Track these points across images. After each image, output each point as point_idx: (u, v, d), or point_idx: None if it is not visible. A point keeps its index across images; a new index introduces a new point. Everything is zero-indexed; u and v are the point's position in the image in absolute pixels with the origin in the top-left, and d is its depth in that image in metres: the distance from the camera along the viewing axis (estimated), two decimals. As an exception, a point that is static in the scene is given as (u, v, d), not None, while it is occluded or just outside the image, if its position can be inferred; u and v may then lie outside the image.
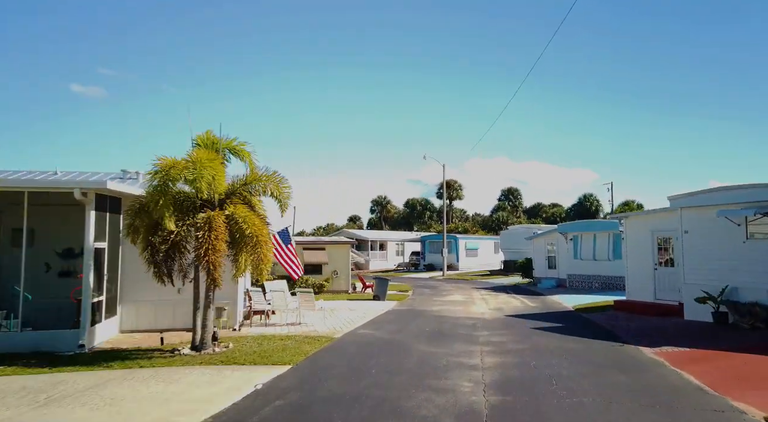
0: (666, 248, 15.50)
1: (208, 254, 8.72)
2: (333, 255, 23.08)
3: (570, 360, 9.19)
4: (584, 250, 25.14)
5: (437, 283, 31.76)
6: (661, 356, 9.40)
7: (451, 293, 24.10)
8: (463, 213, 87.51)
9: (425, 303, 19.65)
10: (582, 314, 16.18)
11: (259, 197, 10.52)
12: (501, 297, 22.17)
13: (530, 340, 11.37)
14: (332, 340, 11.13)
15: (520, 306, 18.71)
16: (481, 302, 20.01)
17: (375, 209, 79.54)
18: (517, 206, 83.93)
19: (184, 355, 9.27)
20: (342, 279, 23.20)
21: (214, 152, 9.66)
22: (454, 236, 47.35)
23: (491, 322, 14.53)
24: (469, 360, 9.28)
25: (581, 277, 25.40)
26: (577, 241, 25.62)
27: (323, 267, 22.96)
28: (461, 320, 14.96)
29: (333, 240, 23.23)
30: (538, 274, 28.67)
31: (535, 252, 29.16)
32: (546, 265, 28.24)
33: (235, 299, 12.82)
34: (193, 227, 9.00)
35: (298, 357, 9.07)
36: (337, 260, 23.14)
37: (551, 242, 27.98)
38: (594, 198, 74.56)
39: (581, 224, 25.78)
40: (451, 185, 74.58)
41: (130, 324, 12.26)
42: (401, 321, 14.61)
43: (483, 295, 23.30)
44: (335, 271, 23.03)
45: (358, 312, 16.48)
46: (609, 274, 24.08)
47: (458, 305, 18.89)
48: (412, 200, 77.90)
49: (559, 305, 19.00)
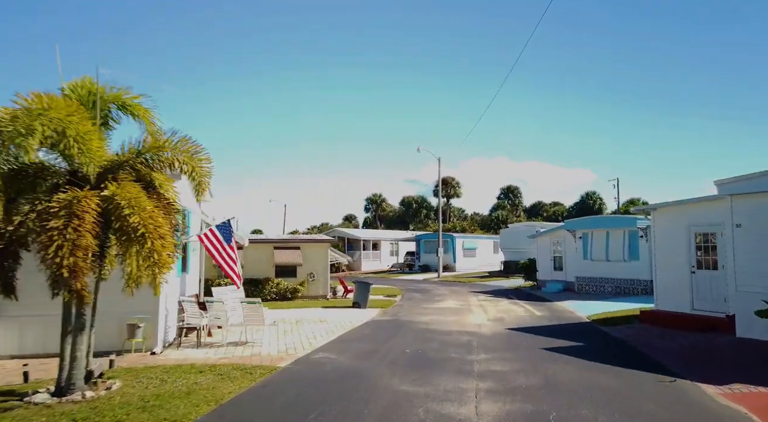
0: (707, 247, 12.53)
1: (63, 254, 5.74)
2: (309, 255, 20.10)
3: (606, 409, 6.23)
4: (595, 250, 22.19)
5: (431, 286, 28.79)
6: (741, 402, 6.43)
7: (445, 299, 21.14)
8: (462, 212, 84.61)
9: (413, 312, 16.69)
10: (602, 327, 13.22)
11: (171, 172, 7.57)
12: (502, 304, 19.22)
13: (543, 369, 8.40)
14: (272, 372, 8.13)
15: (524, 316, 15.76)
16: (479, 311, 17.06)
17: (369, 208, 76.55)
18: (517, 204, 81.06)
19: (34, 405, 6.25)
20: (319, 283, 20.23)
21: (89, 107, 6.68)
22: (451, 235, 44.41)
23: (491, 339, 11.57)
24: (458, 409, 6.31)
25: (592, 280, 22.45)
26: (587, 239, 22.67)
27: (297, 269, 19.98)
28: (453, 335, 12.00)
29: (309, 238, 20.29)
30: (543, 276, 25.72)
31: (539, 252, 26.21)
32: (551, 266, 25.29)
33: (155, 312, 9.82)
34: (47, 214, 6.00)
35: (198, 411, 6.06)
36: (313, 261, 20.17)
37: (557, 240, 25.02)
38: (597, 196, 71.71)
39: (592, 221, 22.87)
40: (448, 182, 71.68)
41: (11, 346, 9.28)
42: (377, 338, 11.63)
43: (481, 301, 20.36)
44: (311, 273, 20.06)
45: (327, 325, 13.50)
46: (624, 277, 21.14)
47: (451, 315, 15.93)
48: (408, 198, 74.94)
49: (571, 314, 16.04)
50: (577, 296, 21.38)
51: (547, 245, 25.59)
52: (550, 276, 25.25)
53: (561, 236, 24.71)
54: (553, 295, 22.22)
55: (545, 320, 14.76)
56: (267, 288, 18.91)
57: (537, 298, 21.34)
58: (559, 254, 24.92)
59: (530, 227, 35.60)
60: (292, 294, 19.46)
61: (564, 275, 24.53)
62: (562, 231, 24.56)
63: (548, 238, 25.62)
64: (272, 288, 19.04)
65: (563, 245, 24.60)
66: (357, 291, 17.46)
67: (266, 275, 19.33)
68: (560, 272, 24.80)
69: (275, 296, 19.14)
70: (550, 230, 26.12)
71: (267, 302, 18.68)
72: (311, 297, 19.97)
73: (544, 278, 25.52)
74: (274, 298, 19.11)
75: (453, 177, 71.84)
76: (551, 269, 25.30)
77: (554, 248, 25.23)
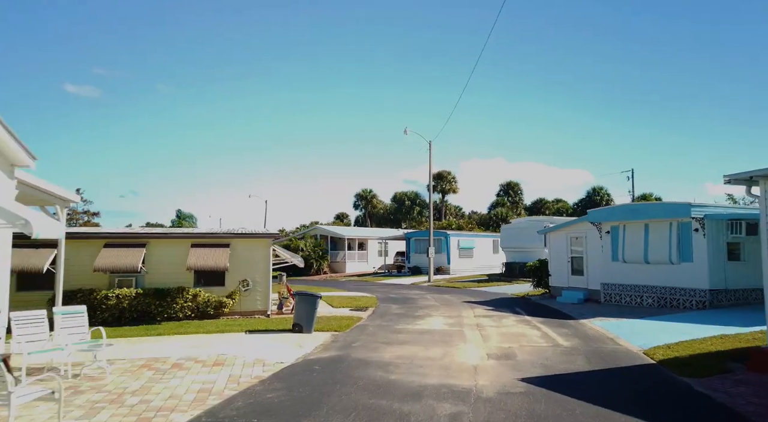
0: None
1: None
2: (241, 256, 14.63)
3: None
4: (630, 248, 16.81)
5: (418, 293, 23.37)
6: None
7: (431, 314, 15.73)
8: (459, 210, 79.26)
9: (377, 339, 11.27)
10: (685, 379, 7.75)
11: None
12: (507, 322, 13.82)
13: None
14: None
15: (544, 348, 10.36)
16: (475, 337, 11.66)
17: (359, 204, 71.04)
18: (517, 201, 75.69)
19: None
20: (258, 293, 14.76)
21: None
22: (445, 232, 39.01)
23: (497, 411, 6.17)
24: None
25: (624, 289, 17.07)
26: (617, 235, 17.29)
27: (226, 276, 14.52)
28: (427, 400, 6.60)
29: (242, 233, 14.84)
30: (557, 282, 20.32)
31: (552, 252, 20.82)
32: (568, 269, 19.90)
33: None
34: None
35: None
36: (248, 263, 14.71)
37: (576, 236, 19.63)
38: (605, 191, 66.38)
39: (626, 209, 17.43)
40: (443, 176, 66.33)
41: None
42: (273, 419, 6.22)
43: (479, 317, 14.96)
44: (245, 281, 14.58)
45: (213, 376, 8.02)
46: (670, 284, 15.76)
47: (433, 346, 10.52)
48: (400, 194, 69.43)
49: (616, 345, 10.60)
50: (606, 309, 15.98)
51: (562, 243, 20.20)
52: (567, 282, 19.86)
53: (581, 231, 19.32)
54: (572, 308, 16.82)
55: (579, 358, 9.34)
56: (179, 302, 13.45)
57: (553, 313, 15.93)
58: (579, 254, 19.52)
59: (536, 222, 30.23)
60: (216, 310, 14.01)
61: (585, 281, 19.15)
62: (583, 224, 19.17)
63: (564, 234, 20.22)
64: (186, 302, 13.58)
65: (584, 242, 19.22)
66: (299, 309, 12.00)
67: (179, 282, 13.87)
68: (580, 277, 19.40)
69: (192, 313, 13.69)
70: (566, 223, 20.71)
71: (174, 322, 13.23)
72: (245, 314, 14.52)
73: (559, 285, 20.13)
74: (189, 316, 13.66)
75: (449, 171, 66.47)
76: (568, 273, 19.92)
77: (572, 247, 19.84)
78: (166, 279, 13.81)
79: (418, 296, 22.24)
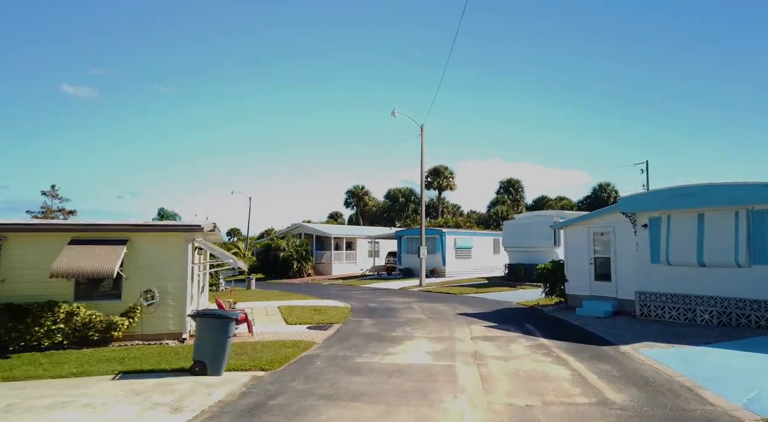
0: None
1: None
2: (146, 257, 10.45)
3: None
4: (677, 246, 12.69)
5: (404, 301, 19.22)
6: None
7: (413, 335, 11.57)
8: (457, 208, 75.15)
9: (314, 392, 7.12)
10: None
11: None
12: (518, 350, 9.68)
13: None
14: None
15: (584, 407, 6.21)
16: (472, 381, 7.51)
17: (350, 202, 66.82)
18: (518, 199, 71.61)
19: None
20: (169, 309, 10.54)
21: None
22: (440, 230, 34.85)
23: None
24: None
25: (669, 299, 12.95)
26: (658, 228, 13.18)
27: (123, 285, 10.33)
28: None
29: (145, 225, 10.69)
30: (576, 289, 16.18)
31: (569, 251, 16.65)
32: (590, 273, 15.75)
33: None
34: None
35: None
36: (156, 267, 10.50)
37: (602, 231, 15.49)
38: (612, 188, 62.37)
39: (670, 194, 13.07)
40: (440, 172, 62.25)
41: None
42: None
43: (477, 340, 10.82)
44: (148, 291, 10.36)
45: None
46: (736, 295, 11.65)
47: (404, 405, 6.38)
48: (394, 191, 65.23)
49: (703, 402, 6.38)
50: (650, 329, 11.86)
51: (583, 240, 16.05)
52: (588, 290, 15.73)
53: (608, 225, 15.19)
54: (601, 326, 12.69)
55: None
56: (45, 324, 9.28)
57: (577, 333, 11.80)
58: (605, 253, 15.38)
59: (544, 217, 26.09)
60: (104, 334, 9.81)
61: (613, 288, 15.01)
62: (610, 216, 15.03)
63: (584, 229, 16.07)
64: (57, 324, 9.40)
65: (612, 239, 15.08)
66: (201, 337, 7.78)
67: (51, 295, 9.69)
68: (606, 283, 15.26)
69: (65, 339, 9.51)
70: (588, 216, 16.55)
71: (36, 353, 9.10)
72: (149, 338, 10.32)
73: (578, 293, 15.99)
74: (62, 343, 9.48)
75: (445, 166, 62.30)
76: (589, 278, 15.78)
77: (595, 246, 15.69)
78: (31, 290, 9.64)
79: (403, 305, 18.08)
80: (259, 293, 22.97)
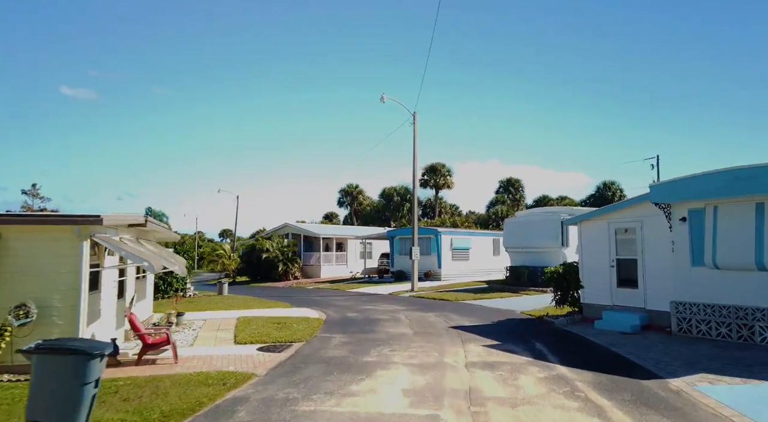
0: None
1: None
2: (19, 259, 7.70)
3: None
4: (727, 244, 9.98)
5: (390, 310, 16.47)
6: None
7: (390, 361, 8.81)
8: (455, 209, 72.45)
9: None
10: None
11: None
12: (529, 387, 6.93)
13: None
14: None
15: None
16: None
17: (344, 201, 64.06)
18: (518, 199, 68.88)
19: None
20: (55, 330, 7.75)
21: None
22: (435, 230, 32.11)
23: None
24: None
25: (716, 312, 10.22)
26: (701, 222, 10.46)
27: (-12, 295, 7.58)
28: None
29: (19, 215, 7.97)
30: (595, 297, 13.43)
31: (585, 251, 13.89)
32: (612, 278, 13.00)
33: None
34: None
35: None
36: (35, 272, 7.74)
37: (626, 226, 12.75)
38: (617, 186, 59.64)
39: (721, 179, 10.19)
40: (437, 169, 59.58)
41: None
42: None
43: (474, 368, 8.08)
44: (21, 306, 7.60)
45: None
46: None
47: None
48: (389, 190, 62.42)
49: None
50: (699, 351, 9.14)
51: (602, 237, 13.31)
52: (610, 298, 12.99)
53: (634, 219, 12.46)
54: (631, 344, 9.95)
55: None
56: None
57: (604, 358, 9.06)
58: (630, 254, 12.64)
59: (550, 214, 23.39)
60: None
61: (641, 296, 12.27)
62: (638, 207, 12.29)
63: (603, 225, 13.34)
64: None
65: (639, 236, 12.34)
66: (40, 385, 5.06)
67: None
68: (632, 290, 12.53)
69: None
70: (608, 208, 13.77)
71: None
72: (18, 371, 7.53)
73: (597, 302, 13.26)
74: None
75: (443, 164, 59.60)
76: (611, 284, 13.03)
77: (618, 245, 12.95)
78: None
79: (388, 315, 15.35)
80: (229, 301, 20.23)
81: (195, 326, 12.80)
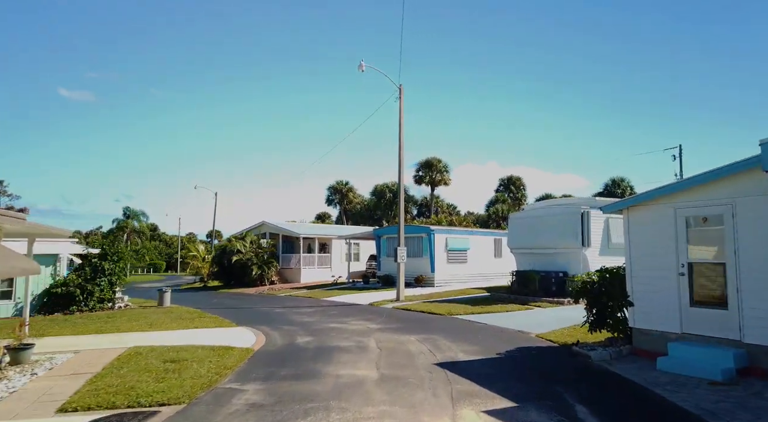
0: None
1: None
2: None
3: None
4: None
5: (361, 330, 12.04)
6: None
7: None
8: (453, 208, 68.09)
9: None
10: None
11: None
12: None
13: None
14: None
15: None
16: None
17: (333, 199, 59.68)
18: (519, 197, 64.55)
19: None
20: None
21: None
22: (428, 228, 27.67)
23: None
24: None
25: None
26: None
27: None
28: None
29: None
30: (651, 320, 8.98)
31: (634, 252, 9.45)
32: (681, 292, 8.56)
33: None
34: None
35: None
36: None
37: (705, 214, 8.34)
38: (626, 183, 55.33)
39: None
40: (432, 165, 55.31)
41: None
42: None
43: None
44: None
45: None
46: None
47: None
48: (381, 186, 58.03)
49: None
50: None
51: (663, 231, 8.88)
52: (679, 322, 8.55)
53: (722, 200, 8.04)
54: (738, 405, 5.54)
55: None
56: None
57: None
58: (712, 256, 8.23)
59: (567, 206, 18.98)
60: None
61: (734, 321, 7.83)
62: (729, 182, 7.88)
63: (668, 211, 8.91)
64: None
65: (731, 228, 7.90)
66: None
67: None
68: (716, 311, 8.09)
69: None
70: (675, 186, 9.23)
71: None
72: None
73: (655, 327, 8.83)
74: None
75: (439, 159, 55.29)
76: (680, 299, 8.59)
77: (691, 243, 8.53)
78: None
79: (353, 340, 10.93)
80: (156, 316, 15.82)
81: (42, 366, 8.37)
